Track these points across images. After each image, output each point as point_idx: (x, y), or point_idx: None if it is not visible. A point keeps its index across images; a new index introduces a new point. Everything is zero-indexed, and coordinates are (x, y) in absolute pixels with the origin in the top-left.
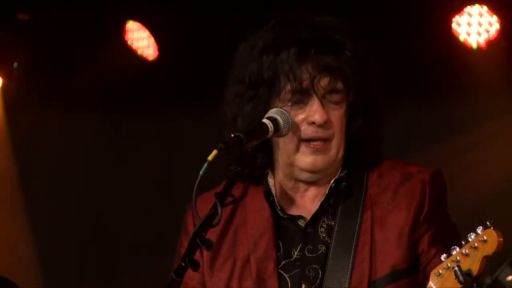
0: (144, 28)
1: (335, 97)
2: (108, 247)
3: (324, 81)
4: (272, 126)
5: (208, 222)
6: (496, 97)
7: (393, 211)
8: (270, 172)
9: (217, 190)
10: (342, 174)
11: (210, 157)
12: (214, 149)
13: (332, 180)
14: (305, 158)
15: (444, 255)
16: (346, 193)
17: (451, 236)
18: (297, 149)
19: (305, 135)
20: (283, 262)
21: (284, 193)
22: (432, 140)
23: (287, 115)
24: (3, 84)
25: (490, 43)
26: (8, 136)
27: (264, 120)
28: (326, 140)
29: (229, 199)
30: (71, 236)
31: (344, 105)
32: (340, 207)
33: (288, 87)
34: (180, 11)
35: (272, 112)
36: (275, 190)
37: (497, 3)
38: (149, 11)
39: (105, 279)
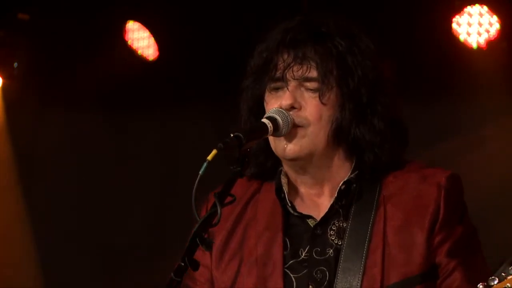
0: (144, 28)
1: (310, 85)
2: (108, 247)
3: (297, 69)
4: (272, 126)
5: (208, 221)
6: (496, 97)
7: (407, 215)
8: (283, 170)
9: (233, 188)
10: (352, 176)
11: (209, 157)
12: (214, 148)
13: (342, 182)
14: (280, 145)
15: (481, 286)
16: (358, 194)
17: (471, 247)
18: (275, 138)
19: None
20: (290, 261)
21: (295, 190)
22: (432, 140)
23: (287, 114)
24: (3, 84)
25: (490, 43)
26: (8, 136)
27: (264, 120)
28: (301, 127)
29: (229, 198)
30: (71, 236)
31: (324, 96)
32: (352, 209)
33: (269, 75)
34: (180, 11)
35: (271, 112)
36: (287, 187)
37: (498, 3)
38: (149, 11)
39: (105, 279)
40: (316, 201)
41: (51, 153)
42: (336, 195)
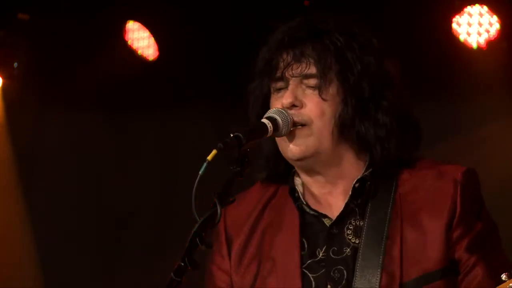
0: (144, 28)
1: (310, 82)
2: (108, 247)
3: (296, 67)
4: (271, 126)
5: (208, 221)
6: (496, 97)
7: (424, 212)
8: (297, 171)
9: (250, 193)
10: (366, 173)
11: (209, 157)
12: (214, 148)
13: (355, 180)
14: (286, 146)
15: (504, 275)
16: (373, 192)
17: (491, 243)
18: (281, 138)
19: None
20: (308, 261)
21: (308, 191)
22: (432, 140)
23: (287, 114)
24: (3, 84)
25: (490, 43)
26: (8, 136)
27: (264, 120)
28: (304, 125)
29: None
30: (71, 236)
31: (324, 92)
32: (368, 207)
33: (271, 76)
34: (180, 11)
35: (271, 112)
36: (302, 188)
37: (497, 3)
38: (149, 11)
39: (105, 279)
40: (330, 200)
41: (51, 153)
42: (350, 193)
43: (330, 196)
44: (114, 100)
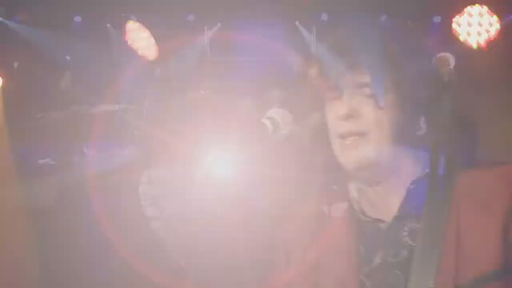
0: (144, 28)
1: (365, 90)
2: (108, 247)
3: (350, 76)
4: (272, 126)
5: None
6: (496, 97)
7: (482, 213)
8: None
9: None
10: (422, 175)
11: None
12: None
13: (411, 181)
14: (342, 156)
15: None
16: (430, 194)
17: None
18: (338, 148)
19: (338, 130)
20: (365, 269)
21: (364, 196)
22: None
23: (288, 115)
24: (3, 84)
25: (490, 43)
26: (8, 136)
27: (264, 120)
28: (361, 135)
29: None
30: (71, 236)
31: (381, 98)
32: (425, 209)
33: (324, 86)
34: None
35: (272, 112)
36: (357, 194)
37: (497, 3)
38: (149, 11)
39: (105, 278)
40: (386, 205)
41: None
42: (405, 195)
43: (386, 200)
44: (114, 100)
